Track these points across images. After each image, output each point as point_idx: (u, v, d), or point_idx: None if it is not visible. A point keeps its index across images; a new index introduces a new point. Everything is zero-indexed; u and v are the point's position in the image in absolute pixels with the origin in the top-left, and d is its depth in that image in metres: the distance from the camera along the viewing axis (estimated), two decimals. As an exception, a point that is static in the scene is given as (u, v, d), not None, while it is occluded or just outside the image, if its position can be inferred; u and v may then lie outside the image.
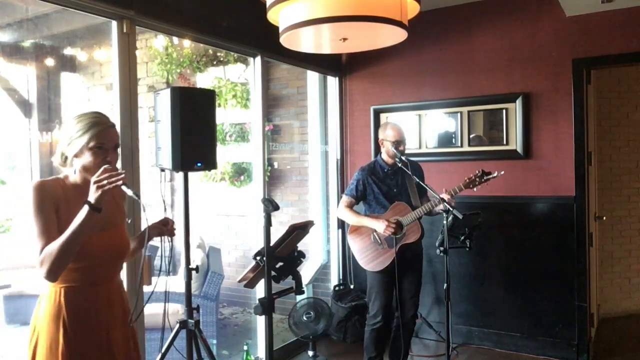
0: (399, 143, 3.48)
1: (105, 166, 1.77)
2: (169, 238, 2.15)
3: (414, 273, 3.57)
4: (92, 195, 1.72)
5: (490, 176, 3.32)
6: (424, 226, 3.54)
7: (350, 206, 3.55)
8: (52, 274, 1.74)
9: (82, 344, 1.83)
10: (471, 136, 4.41)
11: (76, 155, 1.85)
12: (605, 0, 3.58)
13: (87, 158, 1.83)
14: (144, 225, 2.05)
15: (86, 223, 1.71)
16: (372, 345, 3.54)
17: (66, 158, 1.88)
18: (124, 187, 1.78)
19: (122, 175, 1.74)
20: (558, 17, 4.01)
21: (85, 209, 1.71)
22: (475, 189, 3.34)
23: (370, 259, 3.48)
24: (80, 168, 1.86)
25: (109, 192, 1.74)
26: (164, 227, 2.16)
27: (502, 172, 3.33)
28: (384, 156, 3.57)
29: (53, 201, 1.80)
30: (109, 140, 1.86)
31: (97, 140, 1.83)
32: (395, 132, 3.49)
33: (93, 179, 1.73)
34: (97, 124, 1.85)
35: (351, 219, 3.52)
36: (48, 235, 1.74)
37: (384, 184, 3.53)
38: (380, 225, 3.37)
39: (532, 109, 4.15)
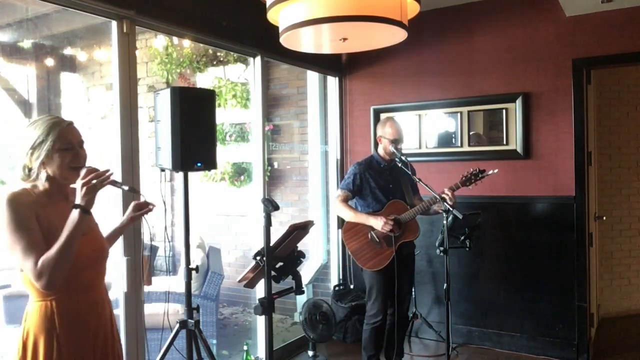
0: (397, 142, 3.46)
1: (88, 167, 1.72)
2: (169, 238, 2.12)
3: (409, 270, 3.61)
4: (82, 197, 1.66)
5: (486, 174, 3.34)
6: (421, 226, 3.54)
7: (346, 200, 3.52)
8: (53, 284, 1.67)
9: (79, 355, 1.78)
10: (470, 133, 4.41)
11: (44, 163, 1.74)
12: (605, 0, 3.59)
13: (56, 161, 1.74)
14: (144, 222, 2.01)
15: (80, 226, 1.66)
16: (371, 344, 3.53)
17: (30, 170, 1.76)
18: (116, 184, 1.74)
19: (110, 173, 1.69)
20: (558, 17, 4.01)
21: (76, 213, 1.66)
22: (471, 187, 3.35)
23: (368, 258, 3.46)
24: (49, 175, 1.76)
25: (97, 193, 1.69)
26: (136, 213, 2.10)
27: (497, 170, 3.36)
28: (381, 152, 3.57)
29: (31, 210, 1.70)
30: (74, 138, 1.78)
31: (62, 140, 1.74)
32: (394, 130, 3.47)
33: (79, 181, 1.67)
34: (56, 124, 1.75)
35: (348, 214, 3.48)
36: (38, 246, 1.66)
37: (381, 179, 3.52)
38: (378, 223, 3.35)
39: (532, 109, 4.15)
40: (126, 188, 1.77)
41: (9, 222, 1.65)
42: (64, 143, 1.74)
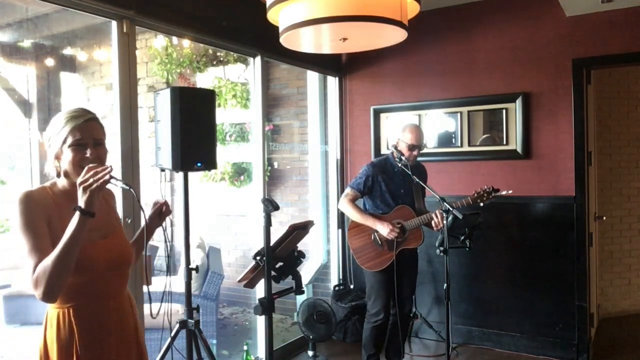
0: (413, 147, 3.45)
1: (90, 165, 1.58)
2: (170, 238, 2.06)
3: (412, 271, 3.61)
4: (81, 199, 1.53)
5: (499, 193, 3.34)
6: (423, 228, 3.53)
7: (355, 200, 3.52)
8: (50, 295, 1.55)
9: None
10: (484, 136, 4.39)
11: (57, 157, 1.66)
12: (605, 0, 3.59)
13: (66, 157, 1.64)
14: (142, 221, 1.84)
15: (80, 231, 1.52)
16: (371, 343, 3.54)
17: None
18: (112, 181, 1.59)
19: (109, 169, 1.55)
20: (558, 17, 4.01)
21: (76, 216, 1.52)
22: (482, 204, 3.35)
23: (368, 259, 3.47)
24: (65, 171, 1.67)
25: (100, 192, 1.56)
26: (160, 215, 1.97)
27: (511, 191, 3.37)
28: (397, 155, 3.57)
29: (43, 212, 1.60)
30: (88, 135, 1.65)
31: (73, 135, 1.63)
32: (413, 136, 3.45)
33: (78, 180, 1.55)
34: (74, 118, 1.66)
35: (354, 215, 3.49)
36: (41, 251, 1.54)
37: (393, 183, 3.51)
38: (384, 229, 3.36)
39: (532, 109, 4.15)
40: (120, 185, 1.65)
41: (19, 223, 1.58)
42: (76, 139, 1.64)
